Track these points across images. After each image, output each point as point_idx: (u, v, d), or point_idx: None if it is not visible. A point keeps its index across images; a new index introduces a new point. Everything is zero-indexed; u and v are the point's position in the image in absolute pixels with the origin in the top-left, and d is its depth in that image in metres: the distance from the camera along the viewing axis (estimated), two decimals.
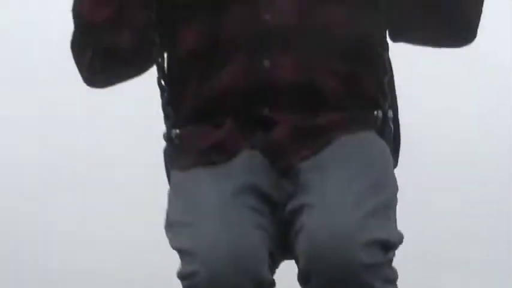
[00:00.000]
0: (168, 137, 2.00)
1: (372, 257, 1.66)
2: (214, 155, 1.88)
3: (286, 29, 1.84)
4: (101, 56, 1.99)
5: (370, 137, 1.89)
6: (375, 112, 1.92)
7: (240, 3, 1.85)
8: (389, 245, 1.73)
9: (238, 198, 1.79)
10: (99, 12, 1.94)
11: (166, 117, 1.99)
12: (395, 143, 1.99)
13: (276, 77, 1.85)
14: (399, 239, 1.79)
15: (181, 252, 1.79)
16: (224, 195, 1.79)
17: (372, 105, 1.93)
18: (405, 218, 2.00)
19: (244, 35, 1.86)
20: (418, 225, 4.16)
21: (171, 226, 1.88)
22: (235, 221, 1.75)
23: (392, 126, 1.94)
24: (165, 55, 2.04)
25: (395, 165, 1.99)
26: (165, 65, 2.02)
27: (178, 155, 1.98)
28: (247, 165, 1.85)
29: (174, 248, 1.84)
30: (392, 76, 1.99)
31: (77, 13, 1.98)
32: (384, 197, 1.77)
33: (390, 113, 1.94)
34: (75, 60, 2.04)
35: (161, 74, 1.98)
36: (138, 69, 2.03)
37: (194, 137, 1.94)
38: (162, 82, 1.98)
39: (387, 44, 1.95)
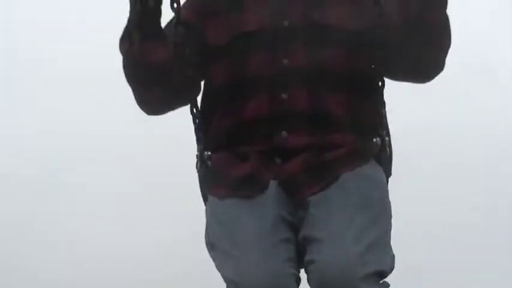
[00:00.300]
0: (201, 158, 2.31)
1: (369, 285, 2.06)
2: (247, 188, 2.22)
3: (300, 70, 2.22)
4: (166, 92, 2.29)
5: (370, 171, 2.25)
6: (374, 139, 2.26)
7: (263, 49, 2.23)
8: (384, 274, 2.12)
9: (273, 234, 2.15)
10: (162, 53, 2.24)
11: (198, 141, 2.32)
12: (389, 160, 2.35)
13: (293, 107, 2.21)
14: (391, 267, 2.17)
15: (226, 279, 2.15)
16: (262, 230, 2.15)
17: (371, 133, 2.27)
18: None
19: (266, 74, 2.22)
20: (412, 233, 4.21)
21: (213, 247, 2.23)
22: (272, 257, 2.12)
23: (388, 150, 2.31)
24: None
25: (389, 175, 2.35)
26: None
27: (213, 181, 2.30)
28: (275, 198, 2.20)
29: (218, 270, 2.20)
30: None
31: (138, 55, 2.24)
32: (381, 228, 2.17)
33: (386, 140, 2.30)
34: (139, 97, 2.32)
35: (193, 103, 2.31)
36: (187, 101, 2.33)
37: (225, 165, 2.27)
38: (194, 110, 2.30)
39: (383, 80, 2.30)
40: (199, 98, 2.36)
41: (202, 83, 2.36)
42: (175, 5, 2.21)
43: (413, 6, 2.15)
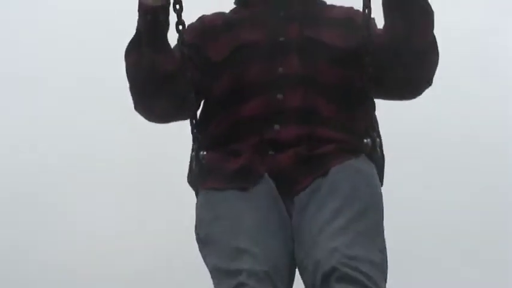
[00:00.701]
0: (196, 157, 2.35)
1: (352, 260, 2.05)
2: (242, 180, 2.25)
3: (295, 76, 2.33)
4: (169, 103, 2.34)
5: (361, 164, 2.27)
6: (365, 140, 2.31)
7: (260, 59, 2.34)
8: (373, 263, 2.09)
9: (272, 228, 2.19)
10: (170, 65, 2.29)
11: (194, 140, 2.36)
12: (381, 165, 2.37)
13: (286, 105, 2.30)
14: (382, 258, 2.14)
15: (219, 270, 2.15)
16: (261, 225, 2.18)
17: (362, 134, 2.33)
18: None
19: (262, 81, 2.33)
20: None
21: (208, 243, 2.23)
22: (273, 250, 2.15)
23: (379, 151, 2.35)
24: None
25: (381, 182, 2.36)
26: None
27: (207, 175, 2.32)
28: (271, 193, 2.23)
29: (210, 264, 2.20)
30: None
31: (147, 65, 2.28)
32: (370, 220, 2.17)
33: (378, 141, 2.35)
34: (142, 106, 2.36)
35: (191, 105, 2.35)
36: (188, 115, 2.36)
37: (219, 161, 2.31)
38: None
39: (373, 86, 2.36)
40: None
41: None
42: (180, 26, 2.26)
43: (401, 30, 2.22)
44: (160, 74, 2.28)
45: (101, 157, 4.54)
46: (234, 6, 2.51)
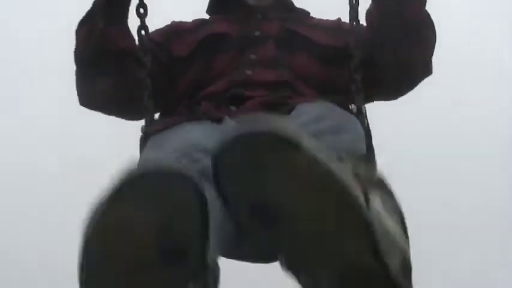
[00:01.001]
0: (145, 130, 2.08)
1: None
2: (195, 118, 1.99)
3: (267, 60, 2.15)
4: (118, 86, 2.13)
5: (336, 105, 1.95)
6: (350, 106, 2.06)
7: (232, 49, 2.17)
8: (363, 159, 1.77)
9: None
10: (125, 42, 2.11)
11: (146, 111, 2.08)
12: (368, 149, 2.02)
13: (256, 78, 2.10)
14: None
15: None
16: (200, 137, 1.86)
17: (345, 99, 2.08)
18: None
19: (231, 68, 2.14)
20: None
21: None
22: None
23: (366, 121, 2.06)
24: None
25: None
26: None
27: (157, 125, 2.06)
28: (231, 126, 1.91)
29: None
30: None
31: (100, 37, 2.09)
32: (342, 138, 1.78)
33: (364, 109, 2.07)
34: (86, 85, 2.17)
35: (145, 73, 2.08)
36: (135, 112, 2.15)
37: (174, 119, 2.04)
38: (148, 81, 2.06)
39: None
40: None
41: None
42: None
43: (391, 4, 2.10)
44: (109, 47, 2.09)
45: (100, 157, 4.54)
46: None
